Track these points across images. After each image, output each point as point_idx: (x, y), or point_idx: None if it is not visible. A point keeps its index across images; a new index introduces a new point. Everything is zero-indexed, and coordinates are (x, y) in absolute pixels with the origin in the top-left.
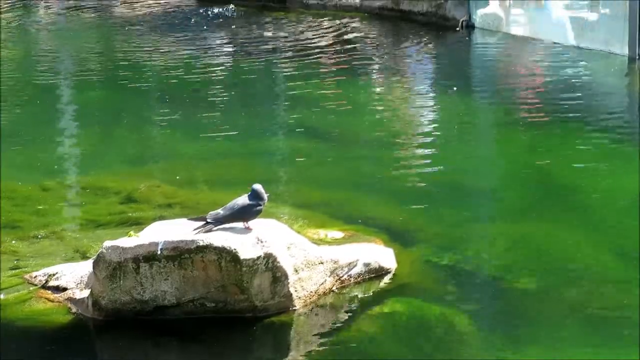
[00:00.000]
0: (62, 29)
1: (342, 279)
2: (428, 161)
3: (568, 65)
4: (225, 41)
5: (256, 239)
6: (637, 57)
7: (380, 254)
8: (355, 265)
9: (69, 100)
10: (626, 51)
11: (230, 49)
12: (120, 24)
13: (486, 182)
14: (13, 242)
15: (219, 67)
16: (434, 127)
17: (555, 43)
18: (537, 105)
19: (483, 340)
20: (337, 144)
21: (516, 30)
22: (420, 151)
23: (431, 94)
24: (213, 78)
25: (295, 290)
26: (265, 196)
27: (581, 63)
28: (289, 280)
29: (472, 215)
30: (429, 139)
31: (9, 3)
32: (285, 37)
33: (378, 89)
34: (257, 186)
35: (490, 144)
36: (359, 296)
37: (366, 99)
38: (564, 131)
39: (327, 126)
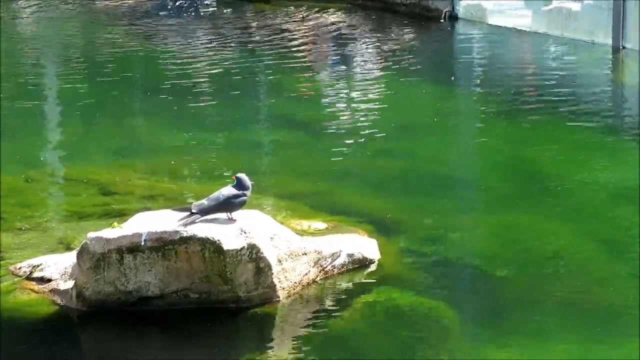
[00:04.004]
0: (44, 20)
1: (325, 269)
2: (412, 152)
3: (552, 55)
4: (207, 33)
5: (240, 230)
6: (621, 47)
7: (364, 245)
8: (338, 256)
9: (52, 93)
10: (610, 41)
11: (213, 41)
12: (101, 15)
13: (470, 173)
14: None
15: (201, 59)
16: (417, 118)
17: (539, 33)
18: (521, 96)
19: (466, 331)
20: (319, 135)
21: (500, 21)
22: (403, 142)
23: (414, 85)
24: (195, 70)
25: (279, 281)
26: (250, 185)
27: (565, 53)
28: (272, 271)
29: (456, 206)
30: (412, 130)
31: None
32: (267, 29)
33: (360, 80)
34: (242, 176)
35: (473, 134)
36: (343, 287)
37: (348, 90)
38: (548, 122)
39: (309, 117)
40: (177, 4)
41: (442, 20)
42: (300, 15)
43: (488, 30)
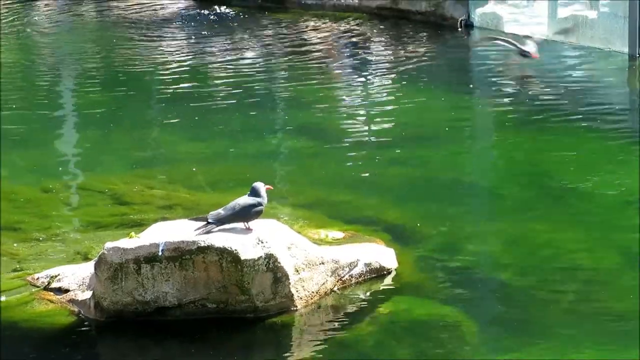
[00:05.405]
0: (61, 30)
1: (343, 279)
2: (428, 160)
3: (567, 63)
4: (224, 43)
5: (257, 240)
6: (638, 55)
7: (381, 254)
8: (356, 266)
9: (69, 103)
10: (626, 49)
11: (230, 51)
12: (119, 25)
13: (487, 181)
14: (15, 244)
15: (217, 68)
16: (432, 126)
17: (554, 41)
18: (537, 104)
19: (485, 340)
20: (336, 143)
21: (515, 29)
22: (420, 150)
23: (429, 93)
24: (211, 79)
25: (297, 291)
26: (266, 196)
27: (581, 61)
28: (290, 281)
29: (473, 214)
30: (428, 138)
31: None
32: (283, 38)
33: (376, 89)
34: (258, 185)
35: (489, 142)
36: (360, 296)
37: (364, 99)
38: (564, 130)
39: (326, 126)
40: (193, 13)
41: (459, 29)
42: (317, 24)
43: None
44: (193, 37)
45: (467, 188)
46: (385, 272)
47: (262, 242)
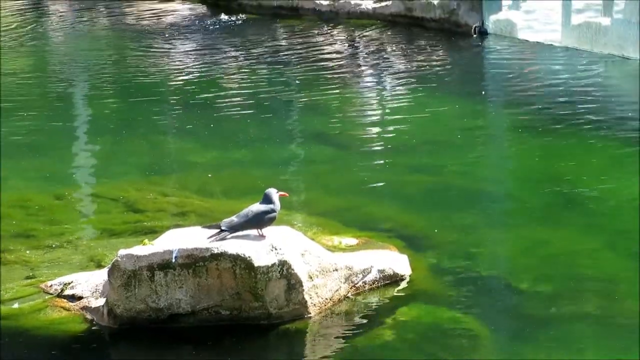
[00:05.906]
0: (74, 38)
1: (356, 285)
2: (442, 166)
3: (581, 70)
4: (237, 50)
5: (270, 246)
6: None
7: (395, 261)
8: (369, 272)
9: (82, 111)
10: (639, 55)
11: (243, 58)
12: (133, 32)
13: (500, 188)
14: (28, 251)
15: (231, 76)
16: (446, 133)
17: (568, 48)
18: (550, 111)
19: (498, 346)
20: (349, 151)
21: (529, 35)
22: (434, 156)
23: (443, 100)
24: (225, 87)
25: (310, 297)
26: (279, 202)
27: (594, 68)
28: (303, 287)
29: (486, 220)
30: (441, 145)
31: (20, 6)
32: (297, 45)
33: (390, 96)
34: (271, 192)
35: (503, 149)
36: (374, 303)
37: (377, 106)
38: (578, 137)
39: (340, 133)
40: (207, 21)
41: (474, 35)
42: (331, 32)
43: (518, 45)
44: (207, 44)
45: (481, 195)
46: (398, 279)
47: (275, 249)
